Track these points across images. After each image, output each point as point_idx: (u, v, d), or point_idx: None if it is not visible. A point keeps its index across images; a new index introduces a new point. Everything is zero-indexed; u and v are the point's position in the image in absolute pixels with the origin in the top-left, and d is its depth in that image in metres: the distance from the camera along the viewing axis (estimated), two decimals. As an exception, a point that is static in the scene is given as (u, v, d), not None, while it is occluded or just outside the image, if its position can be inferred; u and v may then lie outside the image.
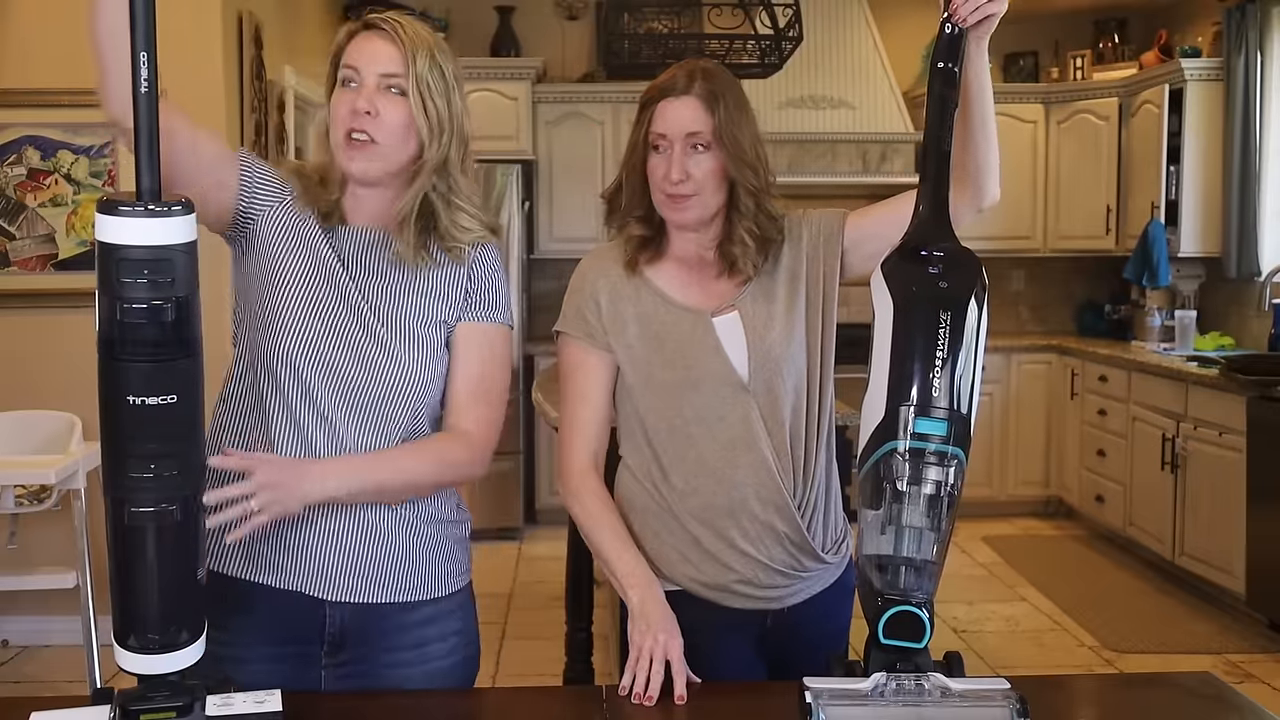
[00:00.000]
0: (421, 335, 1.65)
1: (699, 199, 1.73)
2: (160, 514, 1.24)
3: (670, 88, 1.72)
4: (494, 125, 5.82)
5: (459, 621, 1.72)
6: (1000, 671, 3.18)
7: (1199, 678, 1.70)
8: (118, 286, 1.18)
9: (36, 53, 3.97)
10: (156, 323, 1.19)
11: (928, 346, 1.37)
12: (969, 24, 1.49)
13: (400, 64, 1.58)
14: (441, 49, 1.62)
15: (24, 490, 3.66)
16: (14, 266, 4.08)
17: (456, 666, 1.72)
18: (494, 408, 1.69)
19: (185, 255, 1.20)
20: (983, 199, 1.70)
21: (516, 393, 5.77)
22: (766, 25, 4.43)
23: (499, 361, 1.71)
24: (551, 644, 3.99)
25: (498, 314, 1.71)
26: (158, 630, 1.29)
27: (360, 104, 1.57)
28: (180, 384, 1.22)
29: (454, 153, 1.63)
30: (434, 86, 1.59)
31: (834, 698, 1.36)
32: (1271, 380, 4.38)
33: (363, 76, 1.59)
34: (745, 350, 1.75)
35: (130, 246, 1.17)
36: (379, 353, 1.62)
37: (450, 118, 1.61)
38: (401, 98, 1.59)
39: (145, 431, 1.22)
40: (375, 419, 1.62)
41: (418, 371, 1.64)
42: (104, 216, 1.18)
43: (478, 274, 1.69)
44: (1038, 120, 6.35)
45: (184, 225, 1.20)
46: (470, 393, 1.67)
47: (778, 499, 1.74)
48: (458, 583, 1.73)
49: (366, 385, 1.61)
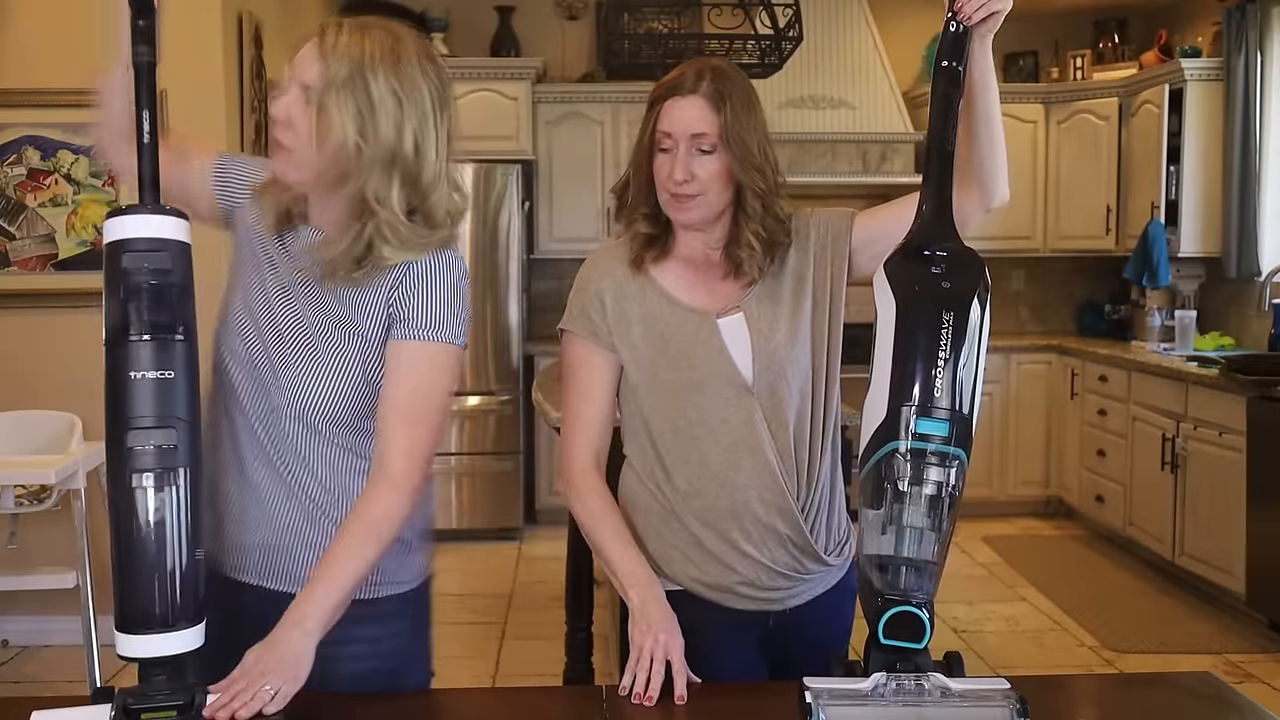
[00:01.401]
0: (332, 345, 1.60)
1: (703, 199, 1.72)
2: (161, 477, 1.33)
3: (678, 86, 1.71)
4: (494, 125, 5.82)
5: (372, 629, 1.63)
6: (1000, 671, 3.18)
7: (1199, 678, 1.70)
8: (124, 273, 1.33)
9: (36, 53, 3.97)
10: (156, 300, 1.34)
11: (930, 346, 1.37)
12: (974, 21, 1.49)
13: (315, 75, 1.51)
14: (378, 64, 1.51)
15: (24, 490, 3.66)
16: (14, 266, 4.08)
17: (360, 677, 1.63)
18: (421, 432, 1.58)
19: (180, 249, 1.36)
20: (991, 200, 1.68)
21: (517, 392, 5.78)
22: (766, 25, 4.43)
23: (429, 380, 1.59)
24: (551, 644, 3.99)
25: (430, 330, 1.59)
26: (159, 604, 1.32)
27: (277, 111, 1.55)
28: (178, 363, 1.35)
29: (376, 184, 1.53)
30: (341, 103, 1.50)
31: (834, 698, 1.36)
32: (1271, 380, 4.38)
33: (288, 83, 1.56)
34: (750, 352, 1.74)
35: (134, 239, 1.34)
36: (291, 352, 1.60)
37: (367, 142, 1.51)
38: (311, 107, 1.52)
39: (146, 403, 1.34)
40: (295, 417, 1.60)
41: (324, 379, 1.59)
42: (112, 220, 1.37)
43: (403, 290, 1.58)
44: (1038, 120, 6.35)
45: (178, 226, 1.37)
46: (395, 416, 1.58)
47: (780, 501, 1.73)
48: (375, 592, 1.64)
49: (280, 384, 1.60)
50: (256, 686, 1.39)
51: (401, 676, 1.68)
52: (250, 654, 1.44)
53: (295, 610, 1.48)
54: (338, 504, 1.62)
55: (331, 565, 1.52)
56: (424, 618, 1.75)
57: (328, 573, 1.51)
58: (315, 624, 1.47)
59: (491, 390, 5.75)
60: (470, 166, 5.70)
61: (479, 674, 3.97)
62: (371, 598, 1.63)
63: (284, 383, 1.59)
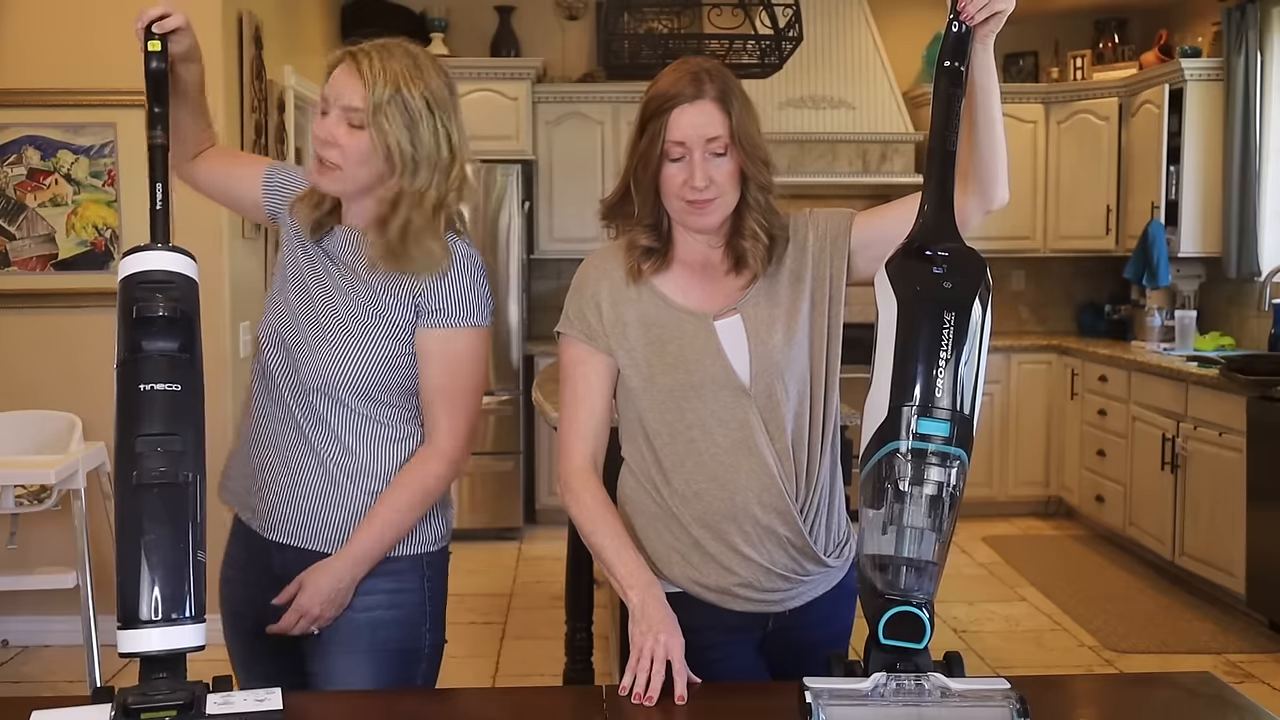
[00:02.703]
0: (362, 329, 1.80)
1: (721, 201, 1.72)
2: (165, 483, 1.40)
3: (679, 95, 1.69)
4: (494, 125, 5.82)
5: (389, 582, 1.84)
6: (1000, 671, 3.18)
7: (1199, 678, 1.70)
8: (138, 298, 1.46)
9: (36, 53, 3.97)
10: (166, 323, 1.45)
11: (931, 347, 1.37)
12: (976, 21, 1.49)
13: (359, 98, 1.73)
14: (411, 81, 1.75)
15: (24, 490, 3.66)
16: (14, 266, 4.08)
17: (377, 623, 1.83)
18: (460, 410, 1.83)
19: (186, 282, 1.50)
20: (991, 201, 1.68)
21: (518, 392, 5.78)
22: (766, 25, 4.43)
23: (461, 363, 1.82)
24: (551, 644, 3.99)
25: (455, 318, 1.81)
26: (161, 594, 1.35)
27: (322, 133, 1.76)
28: (185, 378, 1.45)
29: (434, 189, 1.78)
30: (393, 119, 1.74)
31: (834, 698, 1.36)
32: (1271, 380, 4.38)
33: (331, 107, 1.77)
34: (747, 354, 1.74)
35: (149, 270, 1.49)
36: (326, 337, 1.80)
37: (418, 148, 1.76)
38: (359, 129, 1.74)
39: (152, 412, 1.42)
40: (325, 393, 1.80)
41: (353, 359, 1.79)
42: (129, 255, 1.50)
43: (430, 281, 1.79)
44: (1038, 120, 6.35)
45: (186, 263, 1.51)
46: (434, 401, 1.83)
47: (779, 503, 1.73)
48: (396, 550, 1.84)
49: (314, 364, 1.80)
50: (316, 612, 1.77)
51: (414, 630, 1.87)
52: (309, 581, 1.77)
53: (350, 549, 1.79)
54: (361, 469, 1.82)
55: (380, 517, 1.80)
56: (439, 583, 1.92)
57: (378, 522, 1.80)
58: (367, 561, 1.80)
59: (491, 390, 5.74)
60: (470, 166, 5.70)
61: (479, 674, 3.97)
62: (394, 555, 1.84)
63: (318, 362, 1.79)
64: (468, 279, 1.81)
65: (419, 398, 1.84)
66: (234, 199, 2.00)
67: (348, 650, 1.82)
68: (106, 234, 4.06)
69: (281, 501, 1.83)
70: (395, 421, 1.84)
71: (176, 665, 1.37)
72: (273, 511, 1.83)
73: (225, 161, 1.99)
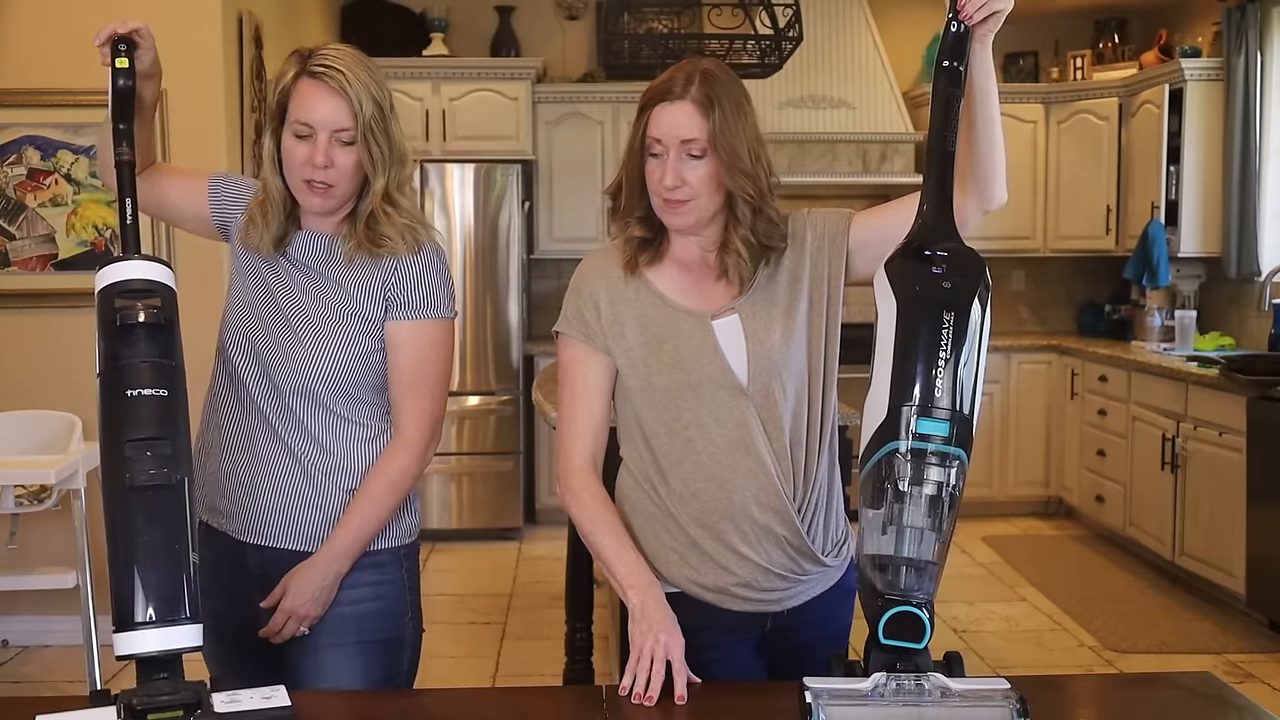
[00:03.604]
0: (335, 328, 1.83)
1: (695, 204, 1.71)
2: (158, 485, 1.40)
3: (667, 92, 1.69)
4: (494, 125, 5.81)
5: (372, 575, 1.88)
6: (1000, 671, 3.18)
7: (1199, 678, 1.70)
8: (120, 306, 1.47)
9: (36, 53, 3.97)
10: (150, 330, 1.46)
11: (931, 346, 1.37)
12: (975, 21, 1.48)
13: (349, 117, 1.78)
14: (375, 79, 1.81)
15: (24, 490, 3.66)
16: (14, 266, 4.08)
17: (362, 615, 1.87)
18: (426, 400, 1.89)
19: (166, 290, 1.51)
20: (989, 201, 1.68)
21: (518, 392, 5.78)
22: (766, 25, 4.43)
23: (429, 352, 1.88)
24: (551, 644, 3.99)
25: (424, 309, 1.86)
26: (159, 595, 1.35)
27: (318, 159, 1.78)
28: (170, 384, 1.45)
29: (393, 179, 1.84)
30: (377, 128, 1.80)
31: (834, 698, 1.36)
32: (1271, 380, 4.38)
33: (316, 131, 1.78)
34: (745, 354, 1.73)
35: (129, 279, 1.51)
36: (299, 338, 1.83)
37: (391, 149, 1.83)
38: (350, 145, 1.79)
39: (140, 417, 1.43)
40: (300, 393, 1.83)
41: (328, 357, 1.83)
42: (106, 267, 1.53)
43: (399, 276, 1.85)
44: (1038, 120, 6.35)
45: (164, 272, 1.52)
46: (402, 389, 1.88)
47: (777, 503, 1.73)
48: (376, 544, 1.89)
49: (288, 366, 1.83)
50: (303, 612, 1.81)
51: (397, 619, 1.91)
52: (293, 583, 1.81)
53: (331, 546, 1.83)
54: (337, 466, 1.86)
55: (358, 512, 1.84)
56: (414, 572, 1.96)
57: (356, 518, 1.84)
58: (348, 557, 1.84)
59: (491, 390, 5.74)
60: (470, 166, 5.70)
61: (479, 674, 3.97)
62: (375, 549, 1.89)
63: (292, 364, 1.83)
64: (434, 272, 1.87)
65: (388, 393, 1.89)
66: (172, 212, 1.99)
67: (336, 644, 1.85)
68: (106, 234, 4.07)
69: (259, 504, 1.86)
70: (369, 420, 1.89)
71: (174, 666, 1.37)
72: (249, 515, 1.86)
73: (166, 175, 1.97)
